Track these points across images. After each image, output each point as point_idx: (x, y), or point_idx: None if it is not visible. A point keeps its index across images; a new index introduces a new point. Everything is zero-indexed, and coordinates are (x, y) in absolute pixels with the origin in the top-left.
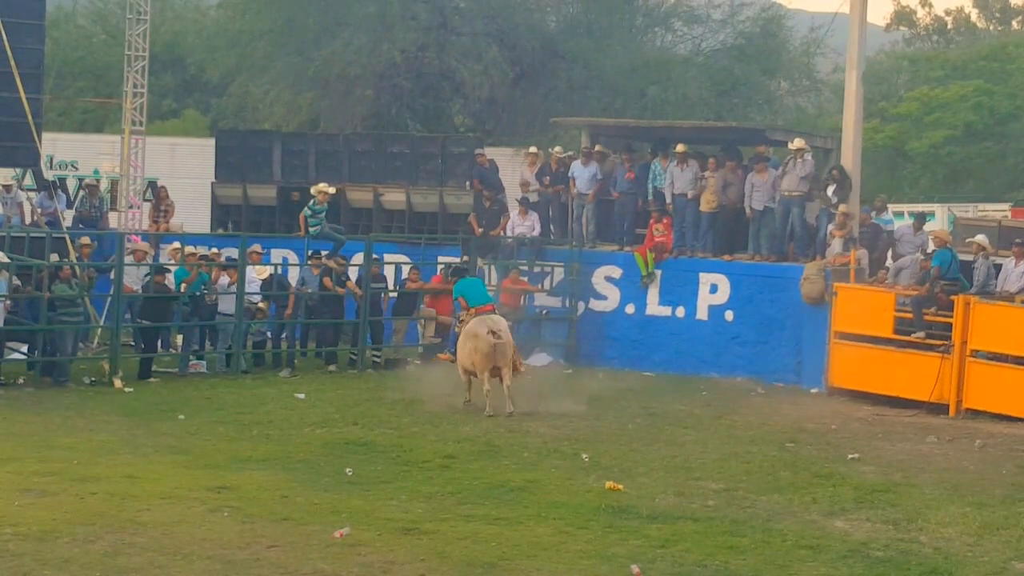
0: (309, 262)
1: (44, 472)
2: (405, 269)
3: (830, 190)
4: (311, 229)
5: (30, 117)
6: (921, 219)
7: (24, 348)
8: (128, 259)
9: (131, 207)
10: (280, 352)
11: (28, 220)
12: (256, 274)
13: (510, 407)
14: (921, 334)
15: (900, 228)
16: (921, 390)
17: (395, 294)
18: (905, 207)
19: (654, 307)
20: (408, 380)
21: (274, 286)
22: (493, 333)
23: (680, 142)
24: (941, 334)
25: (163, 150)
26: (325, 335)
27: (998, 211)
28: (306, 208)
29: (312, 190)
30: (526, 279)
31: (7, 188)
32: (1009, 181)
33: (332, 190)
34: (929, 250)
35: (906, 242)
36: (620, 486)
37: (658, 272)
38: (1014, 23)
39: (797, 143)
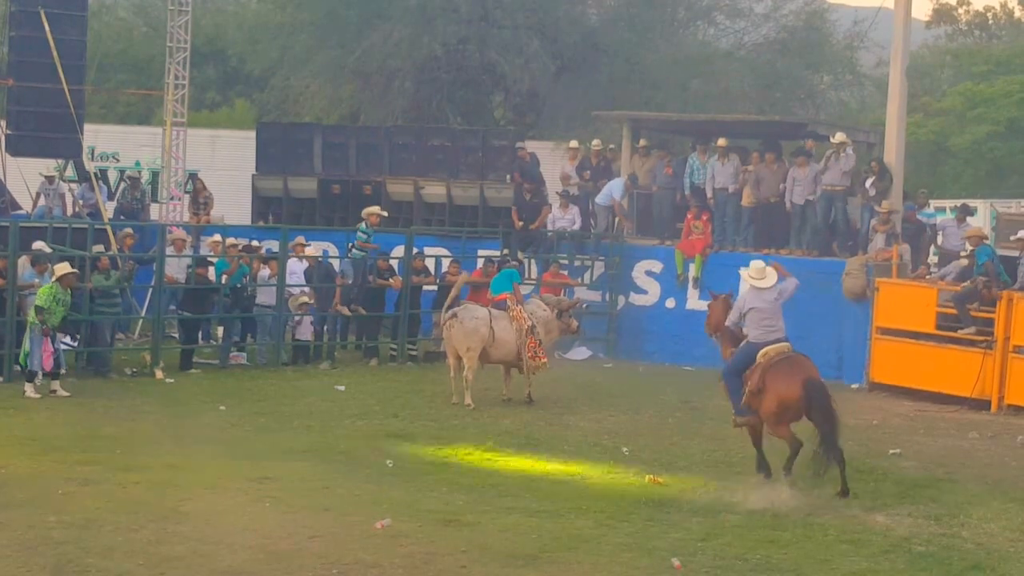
0: (349, 256)
1: (87, 461)
2: (445, 262)
3: (868, 182)
4: (356, 251)
5: (72, 108)
6: (964, 211)
7: (68, 339)
8: (170, 250)
9: (172, 199)
10: (321, 345)
11: (70, 211)
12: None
13: (462, 399)
14: (971, 330)
15: (944, 221)
16: (963, 386)
17: (435, 287)
18: (947, 202)
19: (694, 301)
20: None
21: (315, 277)
22: (454, 315)
23: (722, 136)
24: (983, 330)
25: (204, 142)
26: (366, 328)
27: None
28: (359, 232)
29: (364, 212)
30: (566, 273)
31: (49, 179)
32: None
33: (385, 213)
34: (968, 250)
35: (950, 234)
36: (661, 479)
37: (692, 274)
38: None
39: (839, 137)
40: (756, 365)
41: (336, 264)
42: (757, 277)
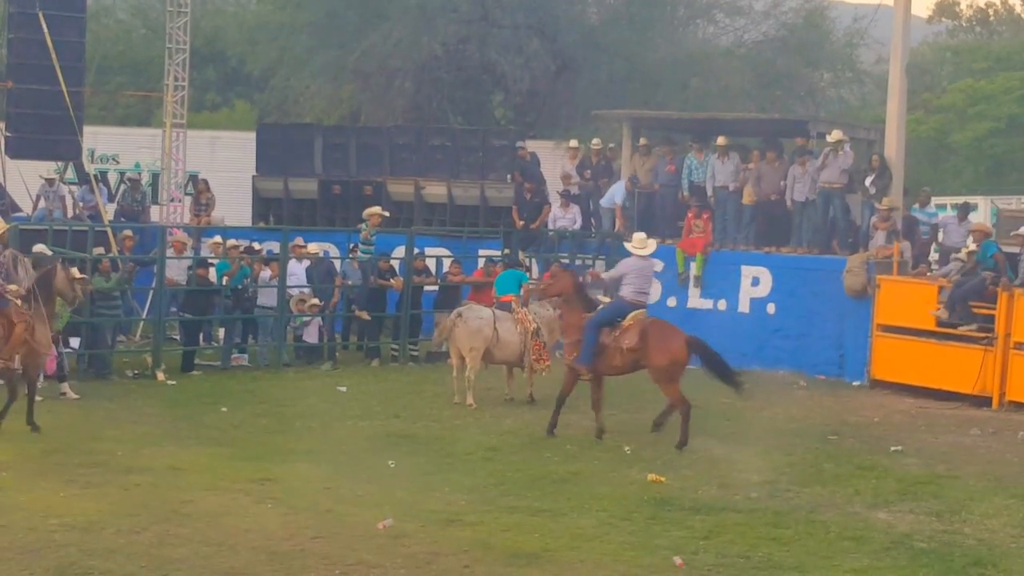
0: (350, 255)
1: (89, 463)
2: (446, 262)
3: (868, 180)
4: (362, 253)
5: (71, 110)
6: (965, 209)
7: (72, 341)
8: (169, 252)
9: (172, 201)
10: (322, 346)
11: (70, 213)
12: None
13: (464, 399)
14: (974, 326)
15: (944, 218)
16: (964, 383)
17: (436, 287)
18: (948, 199)
19: (696, 300)
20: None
21: (316, 278)
22: (459, 315)
23: (722, 134)
24: (984, 326)
25: (204, 144)
26: (367, 329)
27: None
28: (360, 234)
29: (365, 213)
30: None
31: (49, 182)
32: None
33: (386, 214)
34: (970, 247)
35: (951, 231)
36: (663, 478)
37: (693, 272)
38: None
39: (835, 135)
40: (628, 326)
41: (337, 264)
42: (639, 246)
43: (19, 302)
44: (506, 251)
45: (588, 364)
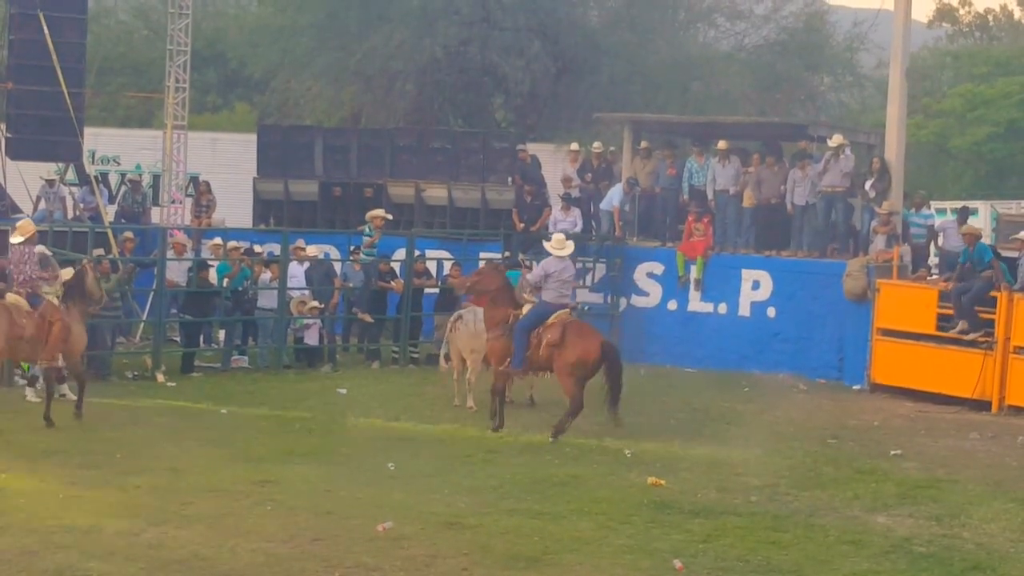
0: (351, 258)
1: (89, 465)
2: (447, 265)
3: (868, 184)
4: (364, 255)
5: (72, 111)
6: (964, 213)
7: None
8: (169, 253)
9: (173, 202)
10: (322, 348)
11: (70, 215)
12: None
13: (464, 401)
14: (980, 332)
15: (943, 222)
16: (964, 387)
17: (436, 289)
18: (948, 203)
19: (696, 303)
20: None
21: (315, 280)
22: (459, 317)
23: (723, 138)
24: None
25: (205, 145)
26: (368, 331)
27: None
28: (366, 239)
29: (368, 215)
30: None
31: (50, 183)
32: None
33: (389, 216)
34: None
35: (951, 236)
36: (662, 481)
37: (693, 276)
38: None
39: (836, 140)
40: (552, 324)
41: (338, 267)
42: (558, 247)
43: (55, 300)
44: (506, 254)
45: (520, 368)
